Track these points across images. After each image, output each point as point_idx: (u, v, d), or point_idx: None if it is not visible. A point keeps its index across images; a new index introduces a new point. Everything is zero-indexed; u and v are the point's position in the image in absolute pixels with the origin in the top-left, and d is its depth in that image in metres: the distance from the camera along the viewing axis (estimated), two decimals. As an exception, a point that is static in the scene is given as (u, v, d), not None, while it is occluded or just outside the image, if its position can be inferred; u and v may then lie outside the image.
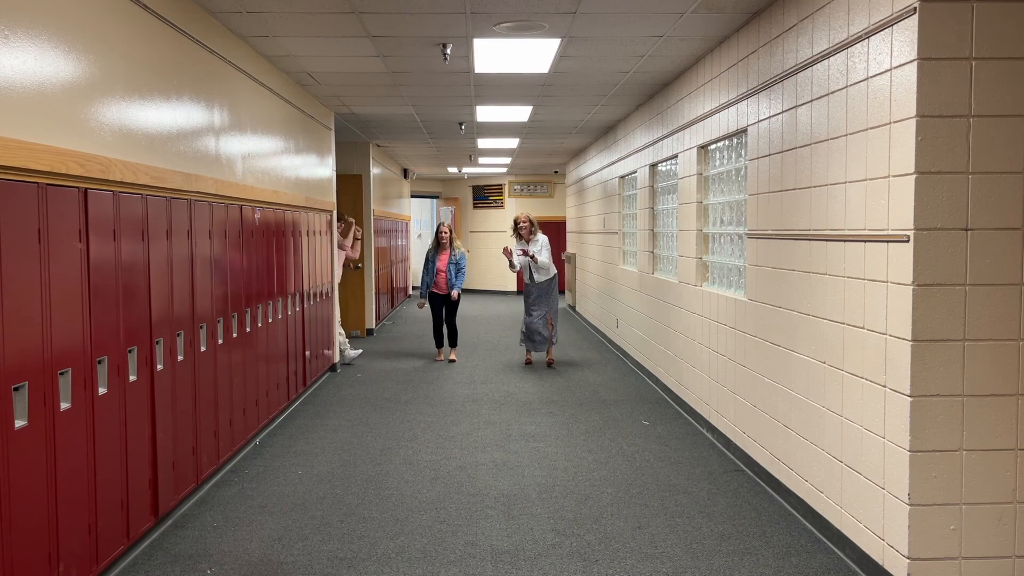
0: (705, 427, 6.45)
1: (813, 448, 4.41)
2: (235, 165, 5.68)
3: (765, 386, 5.11)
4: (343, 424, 6.76)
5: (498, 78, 7.45)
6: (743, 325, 5.52)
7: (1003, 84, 3.36)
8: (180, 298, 4.59)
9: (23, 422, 3.06)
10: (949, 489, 3.46)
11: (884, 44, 3.60)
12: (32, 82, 3.19)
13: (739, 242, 5.83)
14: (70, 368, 3.39)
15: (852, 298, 3.94)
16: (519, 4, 5.10)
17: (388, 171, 14.60)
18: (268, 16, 5.31)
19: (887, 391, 3.62)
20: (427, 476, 5.35)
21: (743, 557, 4.07)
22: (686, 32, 5.72)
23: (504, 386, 8.30)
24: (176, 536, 4.36)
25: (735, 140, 5.90)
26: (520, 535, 4.35)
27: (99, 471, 3.65)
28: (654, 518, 4.59)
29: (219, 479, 5.29)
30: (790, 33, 4.66)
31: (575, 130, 11.10)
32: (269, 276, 6.44)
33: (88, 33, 3.65)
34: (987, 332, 3.43)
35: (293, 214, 7.21)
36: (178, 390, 4.57)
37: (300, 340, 7.48)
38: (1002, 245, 3.41)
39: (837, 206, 4.08)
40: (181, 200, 4.60)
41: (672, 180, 7.76)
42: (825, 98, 4.21)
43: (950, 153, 3.37)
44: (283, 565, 3.99)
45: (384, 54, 6.38)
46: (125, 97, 4.02)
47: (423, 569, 3.93)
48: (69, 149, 3.39)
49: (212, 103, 5.27)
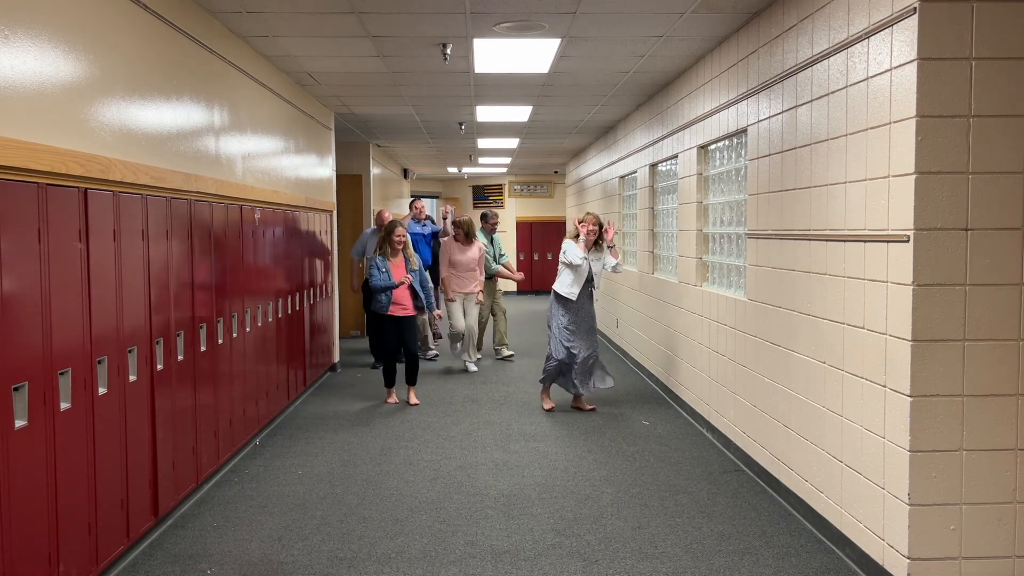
0: (705, 427, 6.45)
1: (813, 448, 4.40)
2: (235, 165, 5.68)
3: (765, 386, 5.11)
4: (343, 424, 6.76)
5: (498, 78, 7.45)
6: (743, 325, 5.52)
7: (1003, 84, 3.36)
8: (180, 298, 4.59)
9: (23, 422, 3.06)
10: (949, 489, 3.46)
11: (884, 44, 3.60)
12: (32, 82, 3.19)
13: (739, 242, 5.83)
14: (70, 368, 3.39)
15: (852, 298, 3.94)
16: (519, 4, 5.10)
17: (388, 171, 14.59)
18: (268, 16, 5.31)
19: (887, 391, 3.62)
20: (427, 476, 5.35)
21: (743, 557, 4.07)
22: (686, 32, 5.72)
23: (504, 386, 8.29)
24: (176, 536, 4.36)
25: (735, 140, 5.90)
26: (520, 535, 4.35)
27: (99, 471, 3.65)
28: (654, 518, 4.59)
29: (219, 479, 5.29)
30: (790, 33, 4.66)
31: (575, 130, 11.10)
32: (269, 276, 6.45)
33: (88, 33, 3.65)
34: (987, 332, 3.43)
35: (293, 214, 7.22)
36: (178, 390, 4.57)
37: (300, 339, 7.48)
38: (1002, 245, 3.41)
39: (837, 206, 4.08)
40: (181, 200, 4.59)
41: (672, 180, 7.76)
42: (825, 98, 4.21)
43: (950, 153, 3.37)
44: (283, 565, 3.99)
45: (384, 54, 6.38)
46: (125, 97, 4.02)
47: (423, 569, 3.93)
48: (69, 149, 3.39)
49: (212, 103, 5.27)
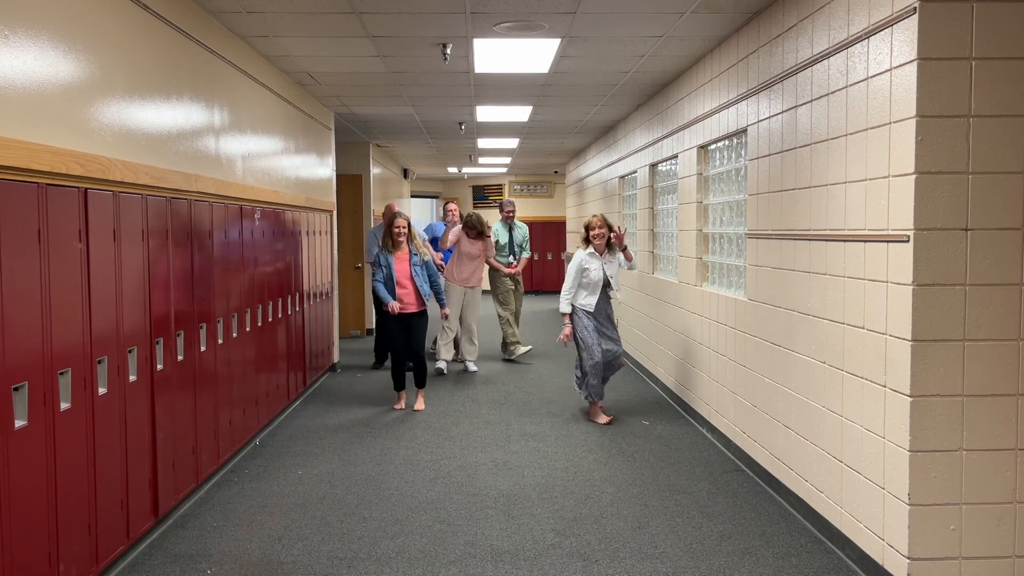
0: (705, 427, 6.45)
1: (813, 448, 4.40)
2: (235, 165, 5.68)
3: (765, 386, 5.11)
4: (343, 424, 6.76)
5: (498, 78, 7.45)
6: (743, 325, 5.52)
7: (1003, 84, 3.36)
8: (180, 298, 4.59)
9: (23, 422, 3.06)
10: (949, 489, 3.46)
11: (884, 44, 3.60)
12: (32, 82, 3.19)
13: (739, 242, 5.83)
14: (70, 368, 3.39)
15: (852, 298, 3.94)
16: (519, 4, 5.10)
17: (388, 171, 14.60)
18: (268, 16, 5.31)
19: (887, 391, 3.62)
20: (427, 476, 5.35)
21: (743, 557, 4.07)
22: (686, 32, 5.72)
23: (504, 386, 8.29)
24: (176, 536, 4.36)
25: (735, 140, 5.90)
26: (520, 535, 4.35)
27: (99, 471, 3.65)
28: (654, 518, 4.59)
29: (219, 479, 5.29)
30: (790, 33, 4.66)
31: (575, 130, 11.10)
32: (269, 276, 6.44)
33: (88, 33, 3.65)
34: (987, 332, 3.43)
35: (293, 214, 7.22)
36: (178, 390, 4.57)
37: (300, 340, 7.48)
38: (1002, 245, 3.41)
39: (837, 206, 4.08)
40: (181, 200, 4.60)
41: (672, 180, 7.76)
42: (825, 98, 4.21)
43: (950, 153, 3.37)
44: (283, 565, 3.99)
45: (384, 54, 6.38)
46: (125, 97, 4.02)
47: (423, 569, 3.93)
48: (69, 149, 3.39)
49: (212, 103, 5.27)
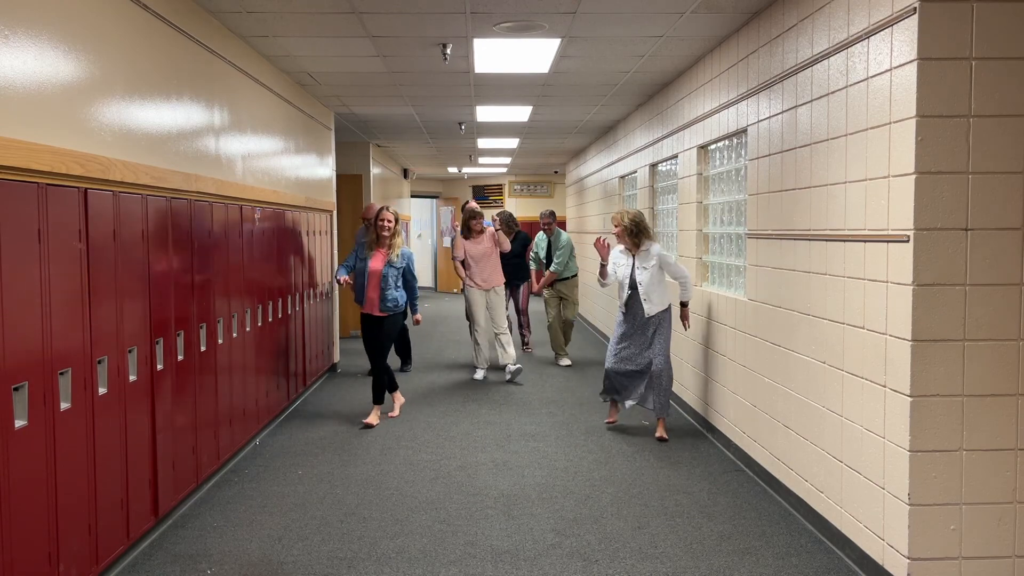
0: (705, 427, 6.45)
1: (813, 448, 4.40)
2: (235, 165, 5.68)
3: (765, 386, 5.10)
4: (343, 424, 6.76)
5: (498, 78, 7.45)
6: (743, 325, 5.52)
7: (1003, 84, 3.36)
8: (180, 298, 4.59)
9: (23, 422, 3.06)
10: (949, 489, 3.46)
11: (884, 44, 3.60)
12: (32, 82, 3.19)
13: (739, 242, 5.83)
14: (70, 368, 3.39)
15: (852, 298, 3.94)
16: (519, 4, 5.10)
17: (388, 171, 14.60)
18: (268, 16, 5.31)
19: (887, 391, 3.62)
20: (427, 476, 5.35)
21: (743, 557, 4.07)
22: (686, 32, 5.72)
23: (504, 386, 8.29)
24: (176, 536, 4.36)
25: (735, 140, 5.90)
26: (520, 535, 4.35)
27: (99, 471, 3.65)
28: (654, 518, 4.59)
29: (219, 479, 5.29)
30: (790, 33, 4.66)
31: (575, 130, 11.10)
32: (269, 276, 6.44)
33: (88, 33, 3.65)
34: (987, 332, 3.43)
35: (293, 214, 7.21)
36: (178, 390, 4.57)
37: (300, 340, 7.48)
38: (1002, 245, 3.41)
39: (837, 206, 4.08)
40: (181, 200, 4.60)
41: (672, 180, 7.76)
42: (825, 98, 4.21)
43: (950, 153, 3.37)
44: (283, 565, 3.99)
45: (384, 54, 6.38)
46: (125, 97, 4.02)
47: (423, 569, 3.93)
48: (69, 149, 3.39)
49: (212, 103, 5.27)
